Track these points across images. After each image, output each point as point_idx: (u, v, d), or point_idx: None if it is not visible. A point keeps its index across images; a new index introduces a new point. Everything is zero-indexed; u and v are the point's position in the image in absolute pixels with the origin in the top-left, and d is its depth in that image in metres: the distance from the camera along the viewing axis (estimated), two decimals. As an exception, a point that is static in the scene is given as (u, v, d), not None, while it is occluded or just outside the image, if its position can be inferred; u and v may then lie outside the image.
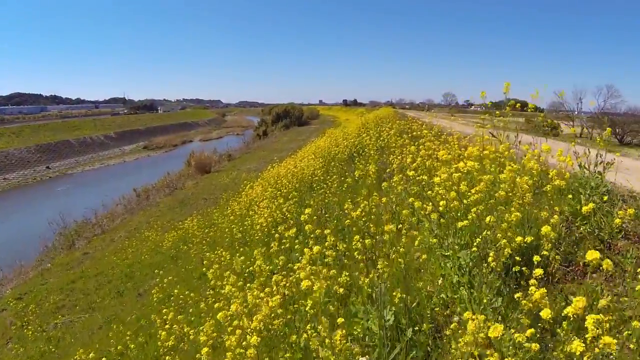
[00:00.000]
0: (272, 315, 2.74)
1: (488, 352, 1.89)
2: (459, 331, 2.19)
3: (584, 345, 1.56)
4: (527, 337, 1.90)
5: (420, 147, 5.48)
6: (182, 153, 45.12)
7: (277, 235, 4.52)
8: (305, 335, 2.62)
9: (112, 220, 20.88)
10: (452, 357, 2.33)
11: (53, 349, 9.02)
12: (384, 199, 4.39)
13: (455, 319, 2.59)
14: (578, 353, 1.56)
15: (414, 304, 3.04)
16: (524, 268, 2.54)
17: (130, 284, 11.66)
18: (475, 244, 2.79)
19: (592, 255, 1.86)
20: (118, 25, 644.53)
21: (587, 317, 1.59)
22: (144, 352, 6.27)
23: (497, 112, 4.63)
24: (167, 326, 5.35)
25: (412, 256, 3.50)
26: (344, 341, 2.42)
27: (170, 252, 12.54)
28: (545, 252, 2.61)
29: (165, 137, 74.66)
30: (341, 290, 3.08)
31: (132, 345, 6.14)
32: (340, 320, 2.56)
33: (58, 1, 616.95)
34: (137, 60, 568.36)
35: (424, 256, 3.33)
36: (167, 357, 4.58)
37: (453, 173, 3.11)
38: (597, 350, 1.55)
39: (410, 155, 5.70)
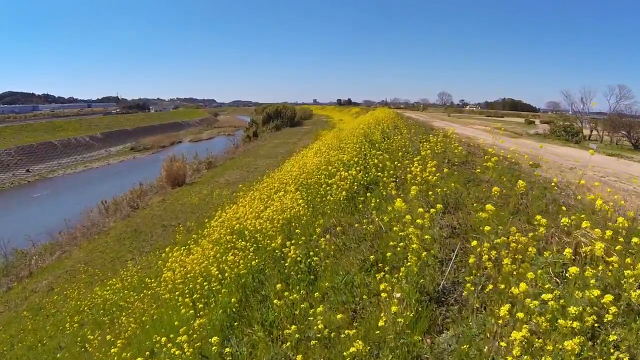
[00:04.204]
0: None
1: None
2: None
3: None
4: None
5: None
6: (170, 155, 41.43)
7: None
8: None
9: (51, 254, 16.55)
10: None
11: None
12: None
13: None
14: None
15: None
16: None
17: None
18: None
19: None
20: (111, 25, 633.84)
21: None
22: None
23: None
24: None
25: None
26: None
27: (78, 333, 8.29)
28: None
29: (154, 137, 71.32)
30: None
31: None
32: None
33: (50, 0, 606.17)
34: (131, 59, 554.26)
35: None
36: None
37: None
38: None
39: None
